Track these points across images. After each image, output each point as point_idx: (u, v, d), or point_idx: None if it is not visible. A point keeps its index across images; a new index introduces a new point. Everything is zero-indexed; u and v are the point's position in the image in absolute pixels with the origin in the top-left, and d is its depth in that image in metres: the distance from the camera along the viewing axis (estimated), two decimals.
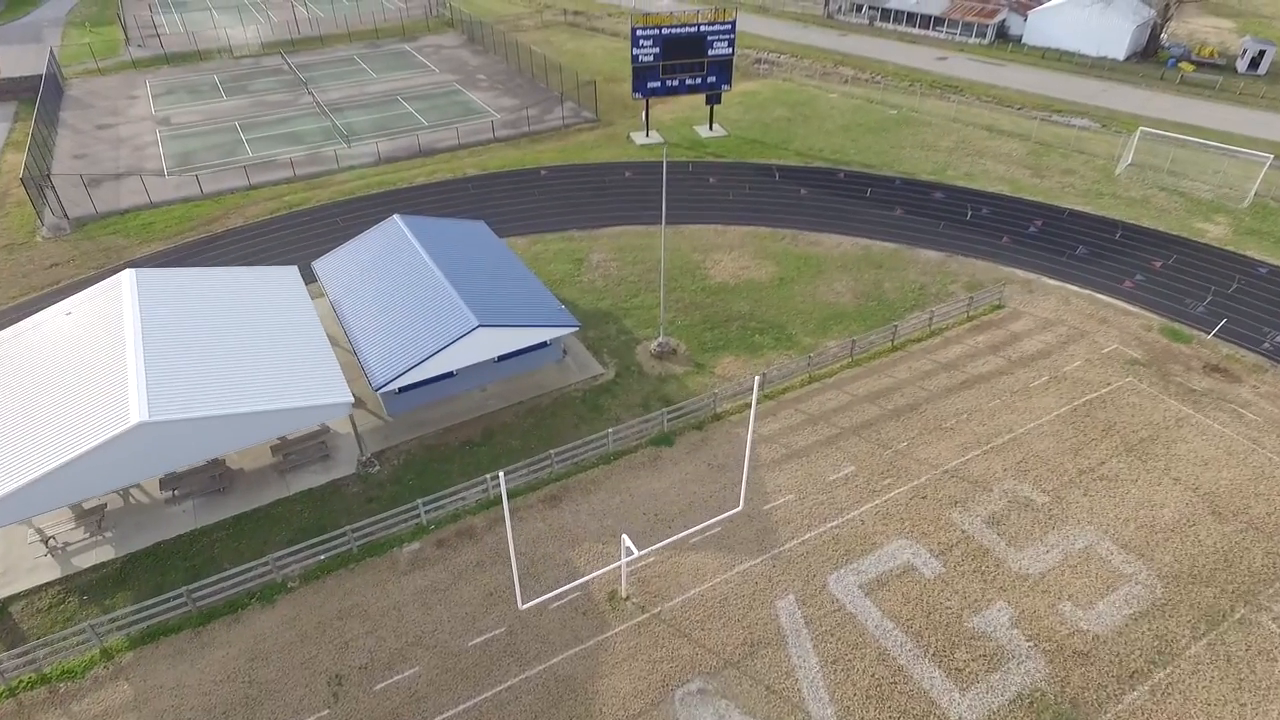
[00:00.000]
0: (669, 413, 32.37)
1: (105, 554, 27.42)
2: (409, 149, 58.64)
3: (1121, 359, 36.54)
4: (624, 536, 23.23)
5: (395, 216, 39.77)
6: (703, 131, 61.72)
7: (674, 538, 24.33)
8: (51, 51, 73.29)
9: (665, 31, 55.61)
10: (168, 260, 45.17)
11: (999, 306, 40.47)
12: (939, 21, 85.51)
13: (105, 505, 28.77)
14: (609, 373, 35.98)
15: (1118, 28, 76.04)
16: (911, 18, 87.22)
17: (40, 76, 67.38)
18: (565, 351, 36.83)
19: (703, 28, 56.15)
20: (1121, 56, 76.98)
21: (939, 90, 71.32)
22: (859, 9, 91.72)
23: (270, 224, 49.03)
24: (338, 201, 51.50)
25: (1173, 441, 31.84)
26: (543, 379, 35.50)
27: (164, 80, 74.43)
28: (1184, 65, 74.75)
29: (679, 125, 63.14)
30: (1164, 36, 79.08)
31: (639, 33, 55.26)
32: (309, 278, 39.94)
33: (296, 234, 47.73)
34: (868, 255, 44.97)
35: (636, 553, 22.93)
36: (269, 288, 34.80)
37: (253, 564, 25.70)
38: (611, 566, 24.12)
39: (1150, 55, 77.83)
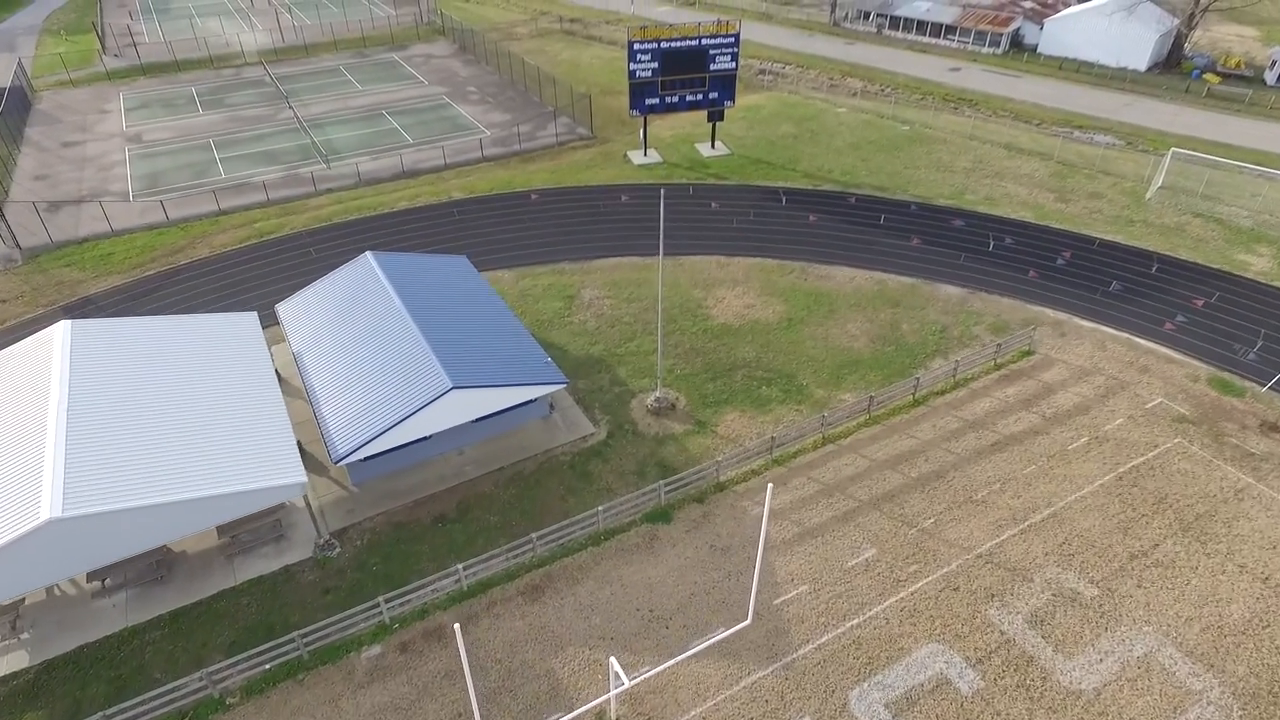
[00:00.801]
0: (667, 485, 28.85)
1: (19, 661, 23.91)
2: (392, 169, 55.13)
3: (1167, 416, 32.98)
4: (611, 660, 19.71)
5: (368, 254, 36.24)
6: (704, 150, 58.19)
7: (670, 662, 20.78)
8: (20, 63, 69.83)
9: (664, 45, 52.10)
10: (123, 297, 41.67)
11: (1029, 352, 36.91)
12: (950, 30, 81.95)
13: (23, 600, 25.28)
14: (600, 432, 32.46)
15: (1140, 37, 72.46)
16: (922, 26, 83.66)
17: (4, 90, 63.91)
18: (552, 407, 33.32)
19: (704, 41, 52.64)
20: (1143, 67, 73.39)
21: (952, 104, 67.77)
22: (866, 16, 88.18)
23: (238, 255, 45.52)
24: (312, 229, 47.98)
25: (1233, 518, 28.29)
26: (527, 439, 31.98)
27: (139, 93, 70.92)
28: (1209, 77, 71.15)
29: (679, 143, 59.61)
30: (1187, 46, 75.49)
31: (636, 47, 51.75)
32: (273, 320, 36.41)
33: (265, 266, 44.21)
34: (883, 291, 41.43)
35: (626, 683, 19.41)
36: (223, 340, 31.28)
37: (184, 680, 22.17)
38: (598, 701, 20.54)
39: (1173, 66, 74.23)
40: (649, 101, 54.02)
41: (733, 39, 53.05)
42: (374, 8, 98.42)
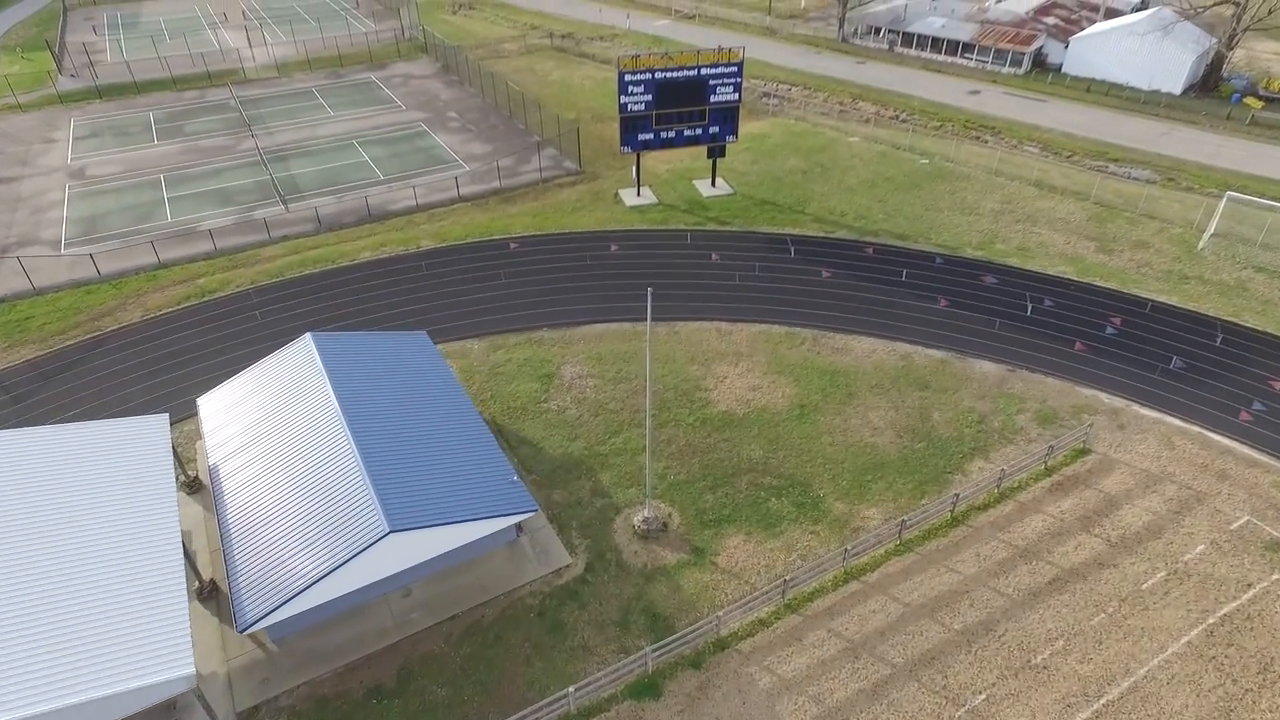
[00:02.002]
0: (655, 649, 23.39)
1: None
2: (356, 212, 49.66)
3: (1258, 541, 27.50)
4: None
5: (308, 336, 30.76)
6: (704, 189, 52.71)
7: None
8: None
9: (659, 76, 46.64)
10: (31, 376, 36.22)
11: (1084, 452, 31.43)
12: (968, 48, 76.46)
13: None
14: (578, 564, 26.99)
15: (1176, 59, 66.99)
16: (937, 43, 78.17)
17: None
18: (520, 529, 27.87)
19: (704, 70, 47.19)
20: (1178, 90, 67.90)
21: (974, 131, 62.29)
22: (877, 32, 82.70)
23: (174, 319, 40.08)
24: (261, 286, 42.54)
25: None
26: (488, 573, 26.54)
27: (91, 119, 65.54)
28: (1250, 101, 65.67)
29: (676, 179, 54.13)
30: (1226, 68, 70.00)
31: (627, 78, 46.31)
32: (192, 411, 31.02)
33: (202, 335, 38.77)
34: (909, 368, 35.95)
35: None
36: (121, 459, 25.82)
37: None
38: None
39: (1210, 89, 68.74)
40: (642, 138, 48.58)
41: (735, 68, 47.60)
42: (354, 23, 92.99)
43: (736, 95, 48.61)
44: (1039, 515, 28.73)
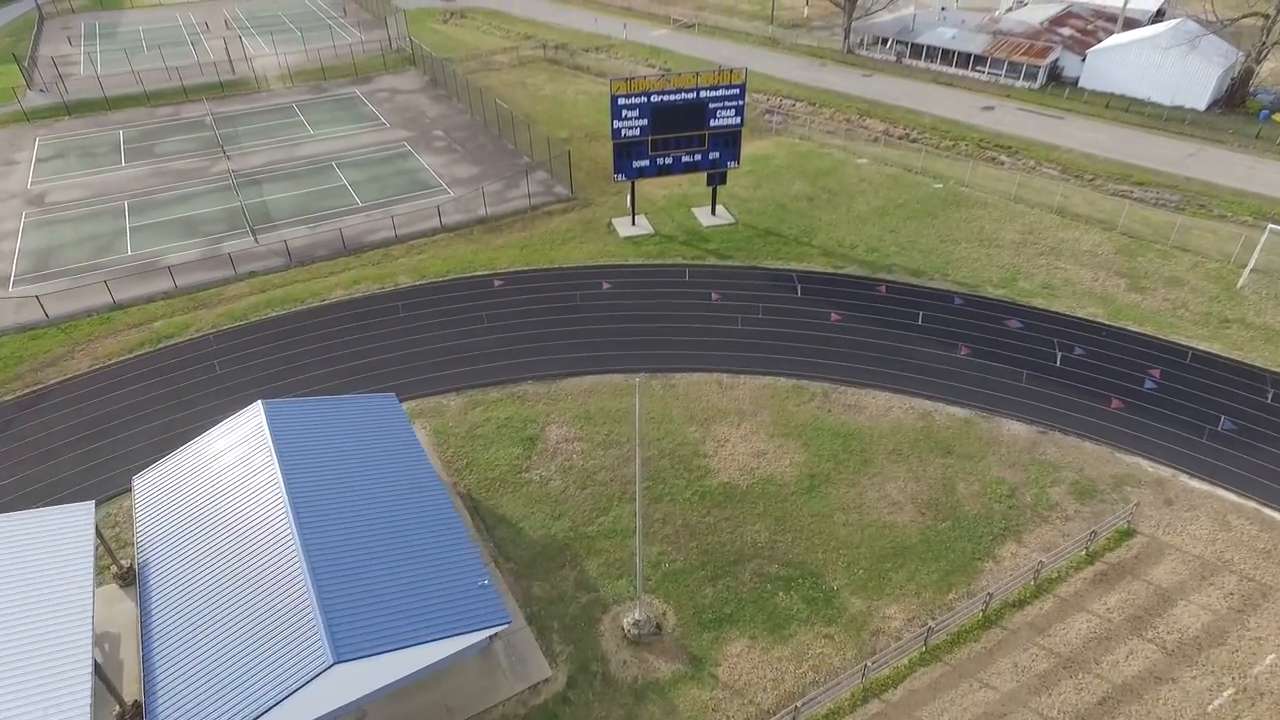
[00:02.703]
0: None
1: None
2: (331, 244, 46.28)
3: None
4: None
5: (259, 405, 27.39)
6: (704, 217, 49.33)
7: None
8: None
9: (655, 99, 43.28)
10: None
11: (1129, 534, 28.07)
12: (980, 60, 73.05)
13: None
14: (558, 677, 23.63)
15: (1201, 73, 63.59)
16: (947, 55, 74.77)
17: None
18: (495, 634, 24.48)
19: (703, 93, 43.82)
20: (1202, 106, 64.51)
21: (989, 151, 58.91)
22: (884, 43, 79.31)
23: (124, 369, 36.72)
24: (221, 331, 39.17)
25: None
26: (455, 690, 23.18)
27: (58, 138, 62.20)
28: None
29: (674, 206, 50.75)
30: (1253, 82, 66.57)
31: (620, 101, 42.95)
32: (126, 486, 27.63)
33: (153, 389, 35.42)
34: (929, 430, 32.57)
35: None
36: (33, 560, 22.47)
37: None
38: None
39: (1236, 105, 65.35)
40: (637, 165, 45.22)
41: (737, 90, 44.23)
42: (340, 33, 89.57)
43: (738, 119, 45.25)
44: (1083, 614, 25.36)
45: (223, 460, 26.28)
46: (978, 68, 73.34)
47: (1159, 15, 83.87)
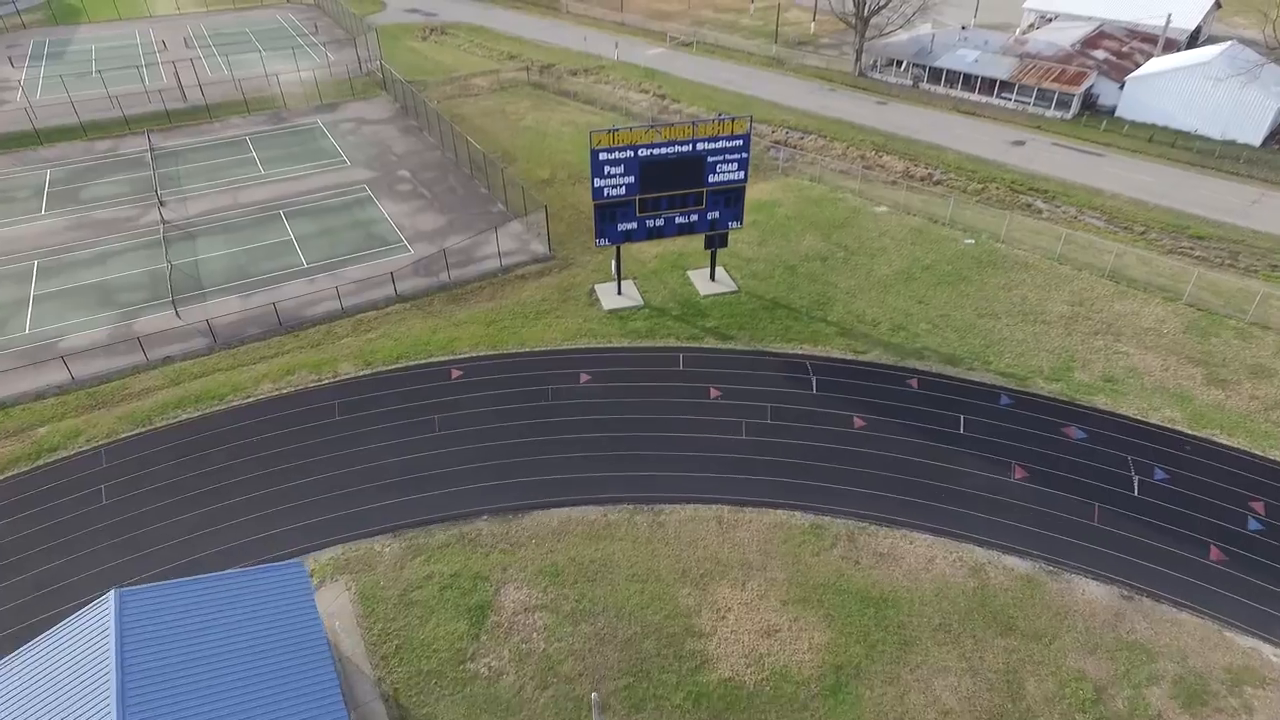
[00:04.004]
0: None
1: None
2: (264, 320, 39.51)
3: None
4: None
5: (111, 595, 20.68)
6: (701, 283, 42.59)
7: None
8: None
9: (644, 153, 36.56)
10: None
11: None
12: (1005, 87, 66.34)
13: None
14: None
15: (1257, 106, 56.91)
16: (969, 81, 68.02)
17: None
18: None
19: (701, 145, 37.11)
20: (1258, 142, 57.82)
21: (1023, 195, 52.20)
22: (899, 65, 72.58)
23: None
24: (118, 441, 32.41)
25: None
26: None
27: None
28: None
29: (667, 269, 43.99)
30: None
31: (602, 157, 36.25)
32: None
33: (16, 529, 28.64)
34: (984, 594, 25.85)
35: None
36: None
37: None
38: None
39: None
40: (623, 228, 38.52)
41: (740, 141, 37.52)
42: (310, 52, 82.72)
43: (742, 174, 38.55)
44: None
45: (54, 681, 19.58)
46: (1003, 95, 66.62)
47: (1195, 35, 77.32)
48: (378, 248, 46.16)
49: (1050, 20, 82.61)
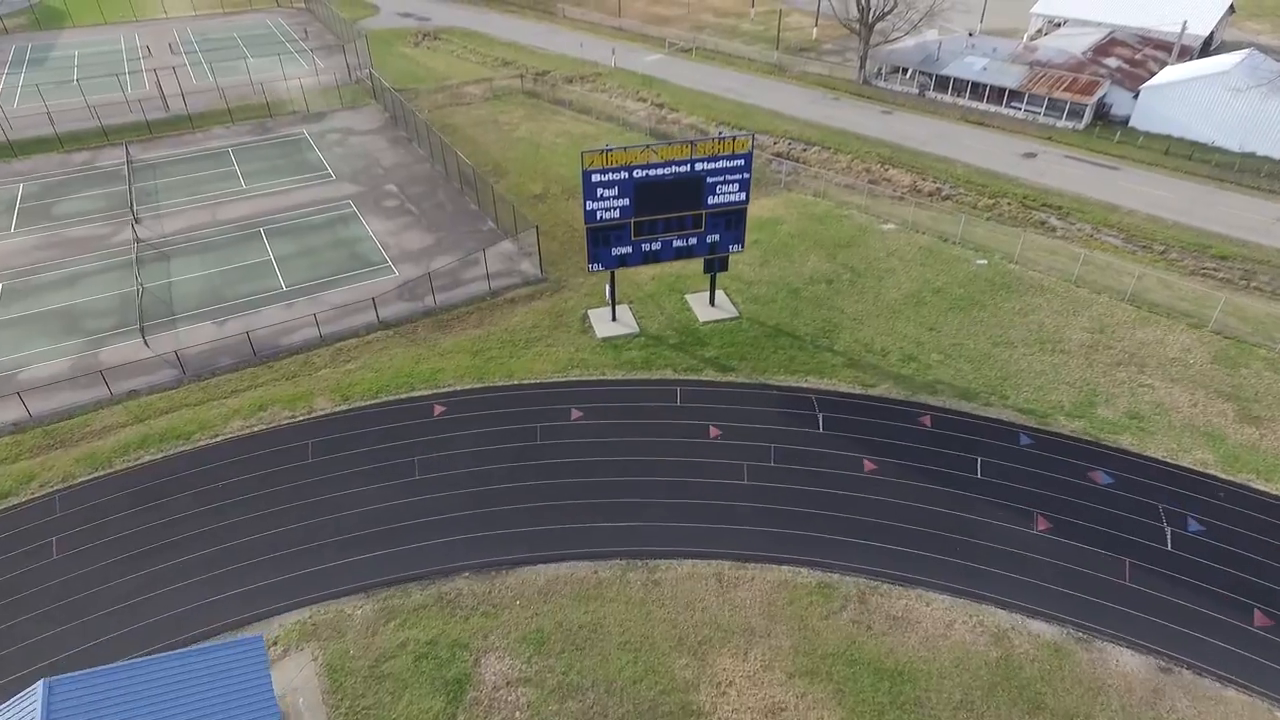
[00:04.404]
0: None
1: None
2: (237, 349, 37.30)
3: None
4: None
5: (39, 688, 18.52)
6: (700, 308, 40.41)
7: None
8: None
9: (639, 174, 34.39)
10: None
11: None
12: (1015, 96, 64.16)
13: None
14: None
15: (1278, 117, 54.70)
16: (977, 89, 65.87)
17: None
18: None
19: (700, 165, 34.93)
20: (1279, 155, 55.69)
21: (1035, 211, 50.05)
22: (904, 73, 70.42)
23: None
24: (74, 486, 30.22)
25: None
26: None
27: None
28: None
29: (664, 293, 41.82)
30: None
31: (594, 178, 34.08)
32: None
33: None
34: (1008, 665, 23.66)
35: None
36: None
37: None
38: None
39: None
40: (617, 252, 36.36)
41: (742, 161, 35.35)
42: (298, 58, 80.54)
43: (743, 195, 36.38)
44: None
45: None
46: (1013, 104, 64.46)
47: (1208, 41, 75.16)
48: (361, 269, 43.97)
49: (1059, 25, 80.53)
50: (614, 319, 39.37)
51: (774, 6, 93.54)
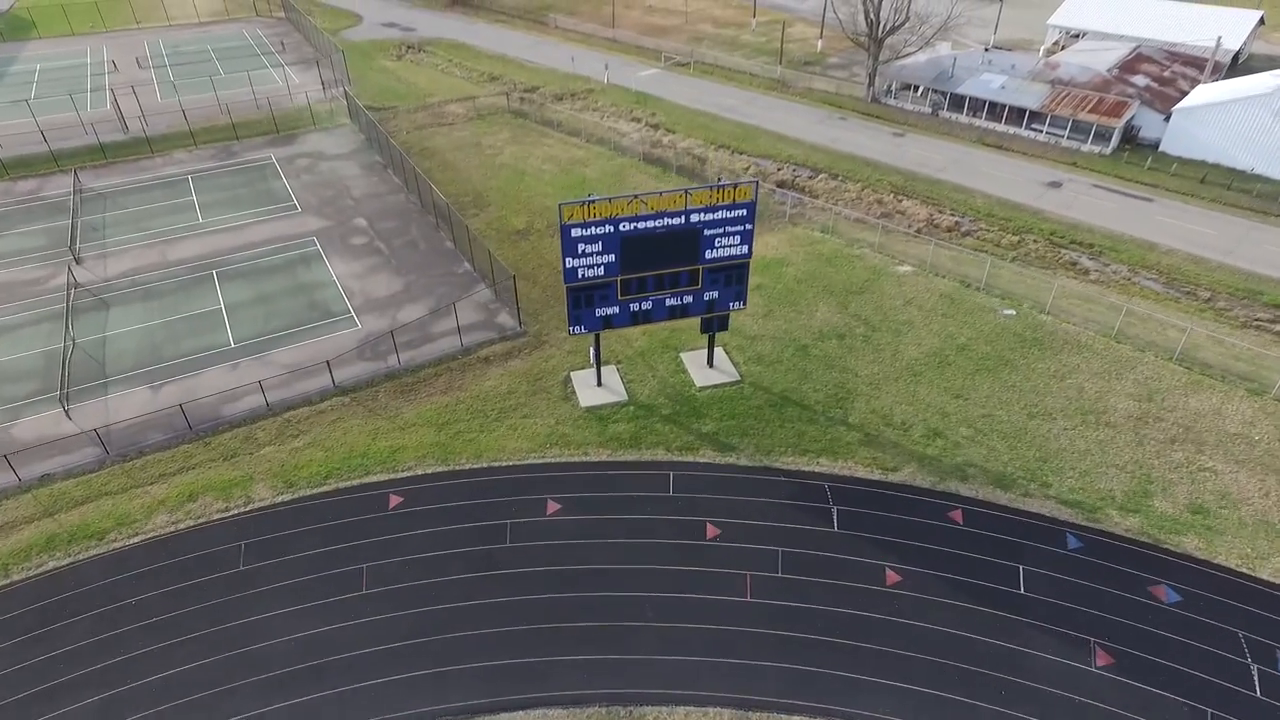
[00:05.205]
0: None
1: None
2: (170, 422, 32.82)
3: None
4: None
5: None
6: (697, 369, 35.97)
7: None
8: None
9: (626, 228, 29.96)
10: None
11: None
12: (1036, 117, 59.75)
13: None
14: None
15: None
16: (995, 109, 61.44)
17: None
18: None
19: (697, 216, 30.49)
20: None
21: (1064, 250, 45.66)
22: (916, 90, 65.99)
23: None
24: None
25: None
26: None
27: None
28: None
29: (656, 350, 37.37)
30: None
31: (575, 232, 29.65)
32: None
33: None
34: None
35: None
36: None
37: None
38: None
39: None
40: (602, 313, 31.90)
41: (745, 211, 30.90)
42: (272, 73, 76.06)
43: (745, 248, 31.92)
44: None
45: None
46: (1033, 126, 60.02)
47: (1236, 55, 70.81)
48: (320, 320, 39.51)
49: (1077, 37, 76.13)
50: (599, 383, 34.93)
51: (776, 16, 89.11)
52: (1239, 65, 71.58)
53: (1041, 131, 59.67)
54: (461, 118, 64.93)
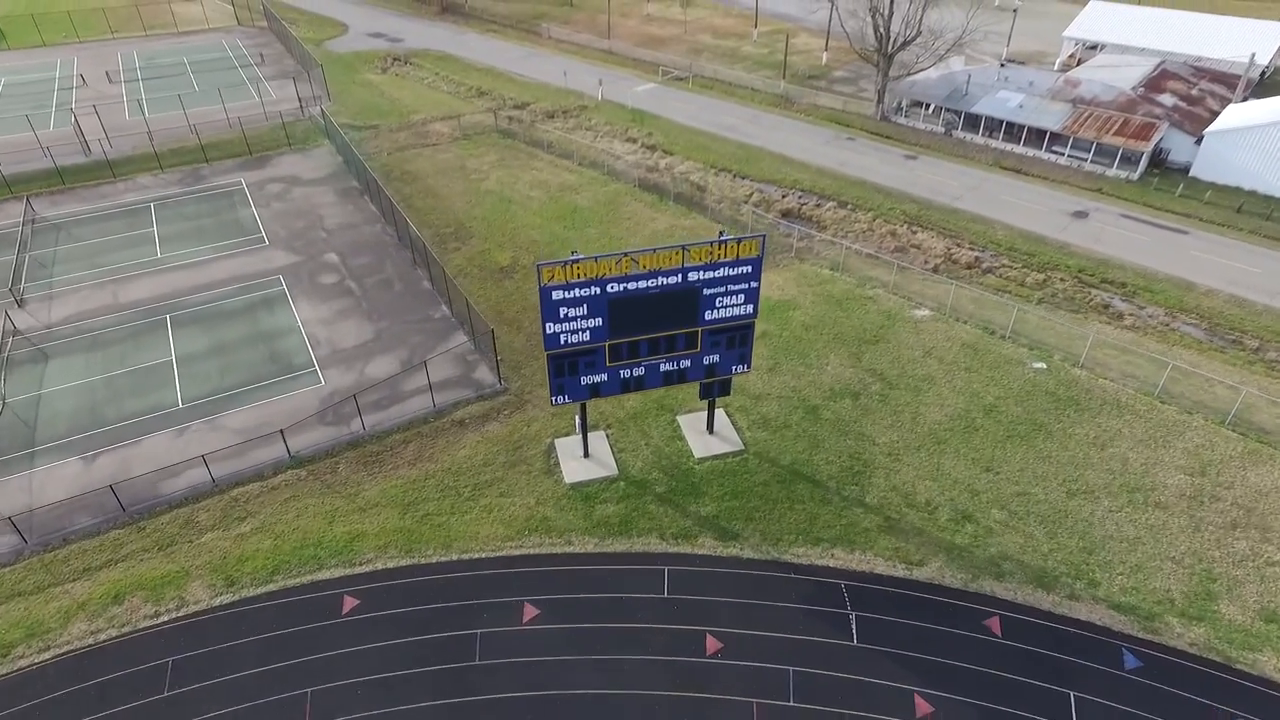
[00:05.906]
0: None
1: None
2: (101, 504, 29.07)
3: None
4: None
5: None
6: (696, 438, 32.24)
7: None
8: None
9: (614, 290, 26.25)
10: None
11: None
12: (1056, 139, 56.07)
13: None
14: None
15: None
16: (1012, 130, 57.78)
17: None
18: None
19: (694, 275, 26.79)
20: None
21: (1094, 290, 41.96)
22: (927, 108, 62.28)
23: None
24: None
25: None
26: None
27: None
28: None
29: (650, 414, 33.63)
30: None
31: (555, 295, 25.91)
32: None
33: None
34: None
35: None
36: None
37: None
38: None
39: None
40: (588, 381, 28.18)
41: (750, 267, 27.22)
42: (249, 87, 72.27)
43: (750, 307, 28.21)
44: None
45: None
46: (1054, 148, 56.33)
47: (1262, 75, 67.17)
48: (279, 376, 35.79)
49: (1094, 49, 72.50)
50: (586, 454, 31.20)
51: (779, 26, 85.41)
52: (1265, 81, 67.99)
53: (1063, 154, 55.99)
54: (446, 138, 61.16)
